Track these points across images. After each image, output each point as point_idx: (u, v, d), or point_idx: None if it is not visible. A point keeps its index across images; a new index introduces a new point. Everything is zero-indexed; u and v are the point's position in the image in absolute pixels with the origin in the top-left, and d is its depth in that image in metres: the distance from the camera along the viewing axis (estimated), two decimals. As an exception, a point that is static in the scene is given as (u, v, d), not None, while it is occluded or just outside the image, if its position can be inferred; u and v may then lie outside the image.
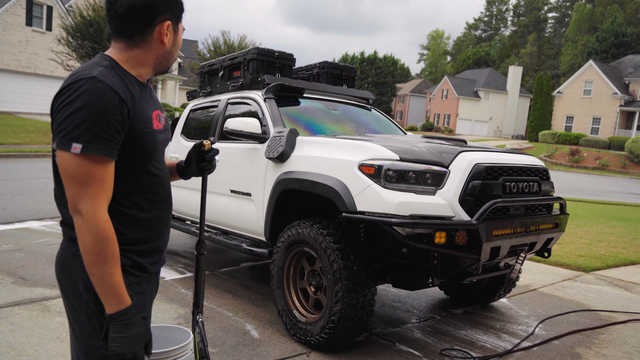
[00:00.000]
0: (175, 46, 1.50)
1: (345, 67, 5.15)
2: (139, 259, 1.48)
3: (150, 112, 1.47)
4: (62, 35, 20.93)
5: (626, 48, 48.39)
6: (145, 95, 1.48)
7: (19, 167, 11.70)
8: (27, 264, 4.58)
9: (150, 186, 1.48)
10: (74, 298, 1.45)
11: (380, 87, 62.47)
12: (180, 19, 1.49)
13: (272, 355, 3.08)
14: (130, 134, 1.38)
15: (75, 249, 1.43)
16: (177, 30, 1.49)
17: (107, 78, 1.33)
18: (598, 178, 24.15)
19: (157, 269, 1.60)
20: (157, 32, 1.43)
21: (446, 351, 3.29)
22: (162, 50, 1.47)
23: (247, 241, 4.03)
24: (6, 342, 2.98)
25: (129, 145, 1.38)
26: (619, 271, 5.88)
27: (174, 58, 1.53)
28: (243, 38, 28.11)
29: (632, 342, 3.68)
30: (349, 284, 2.95)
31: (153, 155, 1.48)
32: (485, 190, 2.94)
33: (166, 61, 1.51)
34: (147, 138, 1.43)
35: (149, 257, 1.52)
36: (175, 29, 1.48)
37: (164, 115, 1.60)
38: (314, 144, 3.43)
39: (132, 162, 1.42)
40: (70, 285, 1.45)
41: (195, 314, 1.70)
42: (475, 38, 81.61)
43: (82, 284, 1.42)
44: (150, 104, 1.50)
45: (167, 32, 1.44)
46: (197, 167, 1.73)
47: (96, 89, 1.29)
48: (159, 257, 1.58)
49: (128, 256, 1.45)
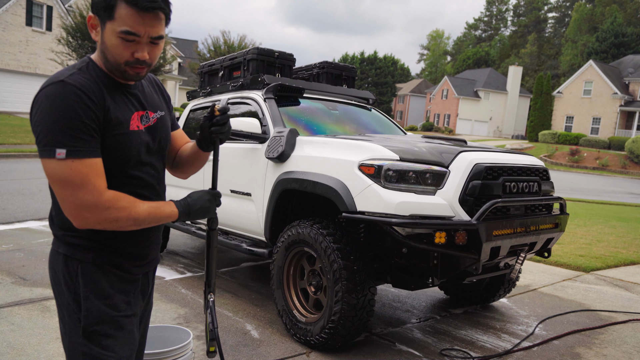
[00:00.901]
0: (104, 45, 1.37)
1: (345, 67, 5.15)
2: (118, 258, 1.47)
3: (129, 113, 1.44)
4: (62, 35, 20.93)
5: (626, 48, 48.39)
6: (122, 95, 1.44)
7: (19, 167, 11.70)
8: (27, 264, 4.58)
9: (130, 187, 1.45)
10: (58, 295, 1.46)
11: (380, 87, 62.46)
12: (106, 15, 1.34)
13: (272, 355, 3.08)
14: (102, 134, 1.36)
15: (58, 244, 1.45)
16: (103, 27, 1.36)
17: (76, 79, 1.32)
18: (598, 178, 24.14)
19: (143, 271, 1.57)
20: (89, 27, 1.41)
21: (446, 351, 3.29)
22: (99, 46, 1.40)
23: (247, 241, 4.03)
24: (6, 342, 2.98)
25: (103, 147, 1.37)
26: (619, 271, 5.88)
27: (110, 60, 1.38)
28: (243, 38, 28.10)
29: (632, 342, 3.68)
30: (349, 284, 2.95)
31: (131, 157, 1.43)
32: (485, 190, 2.94)
33: (106, 61, 1.40)
34: (121, 139, 1.40)
35: (130, 260, 1.50)
36: (101, 25, 1.36)
37: (157, 114, 1.55)
38: (314, 144, 3.43)
39: (107, 163, 1.38)
40: (55, 282, 1.46)
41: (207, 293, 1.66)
42: (475, 38, 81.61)
43: (63, 281, 1.43)
44: (131, 103, 1.46)
45: (93, 25, 1.39)
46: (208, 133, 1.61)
47: (65, 92, 1.28)
48: (142, 261, 1.55)
49: (104, 255, 1.44)
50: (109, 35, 1.35)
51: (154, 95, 1.60)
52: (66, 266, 1.43)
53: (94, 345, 1.42)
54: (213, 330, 1.58)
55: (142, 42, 1.37)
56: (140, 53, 1.38)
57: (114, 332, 1.44)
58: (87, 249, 1.42)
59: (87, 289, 1.41)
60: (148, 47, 1.39)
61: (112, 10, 1.32)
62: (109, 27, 1.34)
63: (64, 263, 1.43)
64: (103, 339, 1.43)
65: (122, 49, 1.36)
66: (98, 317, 1.42)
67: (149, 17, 1.34)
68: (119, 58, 1.37)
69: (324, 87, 4.66)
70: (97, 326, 1.42)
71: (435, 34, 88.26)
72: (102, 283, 1.43)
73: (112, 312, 1.44)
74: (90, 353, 1.41)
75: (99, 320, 1.42)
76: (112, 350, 1.43)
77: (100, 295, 1.43)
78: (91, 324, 1.41)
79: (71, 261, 1.42)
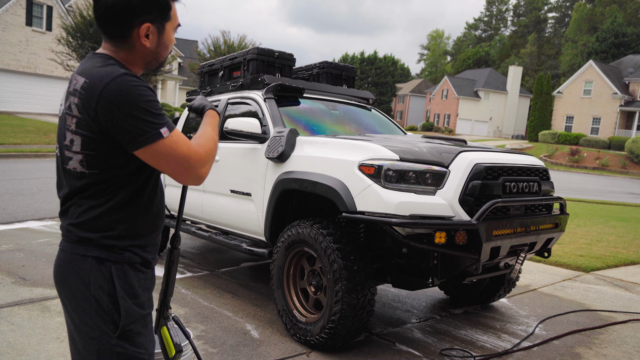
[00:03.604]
0: (161, 46, 1.48)
1: (345, 67, 5.15)
2: (145, 254, 1.51)
3: None
4: (62, 35, 20.95)
5: (626, 48, 48.39)
6: None
7: (19, 167, 11.70)
8: (27, 264, 4.58)
9: (156, 180, 1.53)
10: (82, 299, 1.43)
11: (380, 87, 62.47)
12: (165, 18, 1.45)
13: (272, 355, 3.08)
14: None
15: (84, 249, 1.43)
16: (162, 31, 1.46)
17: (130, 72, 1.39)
18: (598, 178, 24.14)
19: (156, 263, 1.63)
20: (137, 35, 1.42)
21: (446, 351, 3.29)
22: (145, 52, 1.46)
23: (247, 241, 4.03)
24: (6, 342, 2.98)
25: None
26: (619, 271, 5.88)
27: (163, 56, 1.52)
28: (243, 38, 28.15)
29: (632, 342, 3.68)
30: (349, 284, 2.95)
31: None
32: (485, 190, 2.94)
33: (155, 60, 1.51)
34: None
35: (151, 253, 1.55)
36: (159, 29, 1.45)
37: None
38: (314, 144, 3.43)
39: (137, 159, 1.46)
40: (78, 287, 1.43)
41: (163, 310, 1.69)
42: (475, 38, 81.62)
43: (94, 283, 1.42)
44: None
45: (147, 34, 1.42)
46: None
47: (131, 81, 1.34)
48: (156, 251, 1.61)
49: (137, 253, 1.48)
50: (169, 34, 1.50)
51: None
52: (99, 269, 1.42)
53: (129, 344, 1.43)
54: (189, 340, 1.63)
55: None
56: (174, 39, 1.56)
57: (144, 330, 1.48)
58: (122, 249, 1.45)
59: (123, 290, 1.43)
60: None
61: (169, 12, 1.47)
62: (168, 27, 1.48)
63: (96, 266, 1.42)
64: (137, 338, 1.45)
65: (173, 40, 1.55)
66: (133, 316, 1.44)
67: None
68: (170, 51, 1.55)
69: (324, 87, 4.66)
70: (133, 325, 1.44)
71: (435, 34, 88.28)
72: (132, 282, 1.46)
73: (141, 311, 1.47)
74: (127, 353, 1.43)
75: (134, 320, 1.44)
76: (144, 348, 1.47)
77: (131, 294, 1.45)
78: (128, 323, 1.43)
79: (105, 263, 1.43)
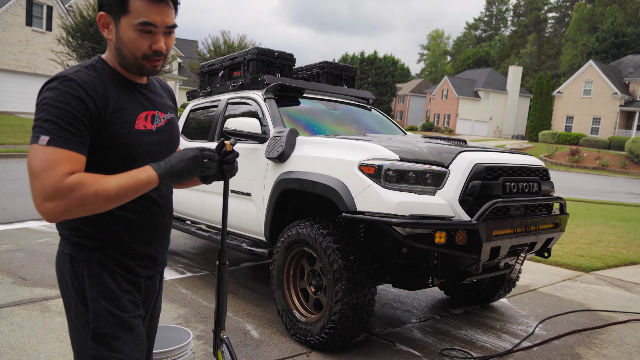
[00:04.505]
0: (120, 41, 1.38)
1: (345, 67, 5.15)
2: (125, 259, 1.45)
3: (136, 112, 1.43)
4: (62, 35, 20.93)
5: (626, 48, 48.38)
6: (132, 95, 1.45)
7: (19, 167, 11.70)
8: (27, 264, 4.58)
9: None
10: (65, 297, 1.45)
11: (380, 87, 62.45)
12: (120, 10, 1.35)
13: (272, 355, 3.08)
14: (104, 132, 1.35)
15: (64, 245, 1.43)
16: (117, 23, 1.37)
17: (79, 76, 1.33)
18: (598, 178, 24.14)
19: (149, 273, 1.54)
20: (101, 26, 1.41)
21: (446, 351, 3.29)
22: (112, 45, 1.41)
23: (247, 241, 4.03)
24: (6, 342, 2.98)
25: (105, 145, 1.36)
26: (619, 271, 5.88)
27: (128, 56, 1.39)
28: (243, 38, 28.13)
29: (632, 342, 3.68)
30: (349, 284, 2.95)
31: (136, 156, 1.42)
32: (485, 190, 2.94)
33: (122, 59, 1.40)
34: (125, 138, 1.39)
35: (137, 260, 1.48)
36: (115, 21, 1.37)
37: (167, 116, 1.55)
38: (314, 144, 3.43)
39: (111, 162, 1.38)
40: (62, 284, 1.45)
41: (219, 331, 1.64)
42: (475, 38, 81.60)
43: (70, 282, 1.42)
44: (140, 103, 1.46)
45: (105, 23, 1.39)
46: (219, 170, 1.55)
47: (65, 86, 1.29)
48: (150, 262, 1.53)
49: (110, 255, 1.42)
50: (126, 30, 1.36)
51: (165, 98, 1.61)
52: (72, 267, 1.41)
53: (104, 348, 1.39)
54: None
55: (159, 32, 1.39)
56: (157, 44, 1.39)
57: (123, 334, 1.42)
58: (92, 249, 1.41)
59: (94, 291, 1.39)
60: (164, 38, 1.41)
61: (125, 4, 1.34)
62: (124, 21, 1.36)
63: (70, 264, 1.41)
64: (112, 342, 1.40)
65: (140, 42, 1.37)
66: (106, 319, 1.39)
67: (162, 6, 1.37)
68: (137, 52, 1.38)
69: (324, 87, 4.66)
70: (106, 329, 1.39)
71: (436, 34, 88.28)
72: (108, 284, 1.41)
73: (120, 314, 1.42)
74: (100, 356, 1.39)
75: (107, 323, 1.39)
76: (121, 353, 1.41)
77: (107, 296, 1.41)
78: (100, 326, 1.39)
79: (77, 262, 1.41)
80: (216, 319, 1.66)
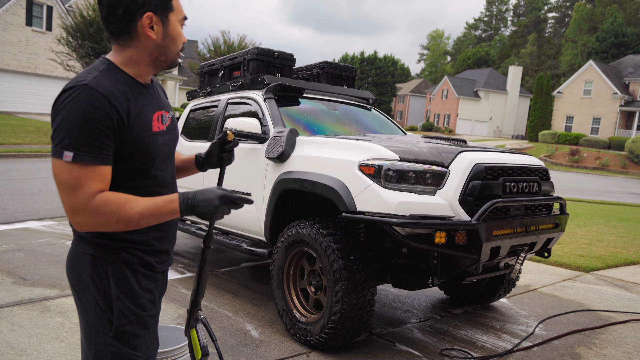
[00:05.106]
0: (168, 38, 1.44)
1: (345, 67, 5.15)
2: (147, 257, 1.49)
3: (151, 115, 1.45)
4: (62, 35, 20.90)
5: (626, 48, 48.38)
6: (145, 97, 1.46)
7: (19, 167, 11.70)
8: (27, 264, 4.58)
9: (152, 188, 1.48)
10: (83, 296, 1.45)
11: (380, 87, 62.47)
12: (167, 8, 1.41)
13: (272, 355, 3.08)
14: (127, 139, 1.36)
15: (84, 246, 1.44)
16: (166, 21, 1.42)
17: (100, 84, 1.32)
18: (598, 178, 24.14)
19: (165, 268, 1.59)
20: (141, 27, 1.39)
21: (446, 351, 3.29)
22: (152, 45, 1.42)
23: (247, 241, 4.03)
24: (6, 342, 2.98)
25: (128, 151, 1.37)
26: (619, 271, 5.88)
27: (173, 51, 1.47)
28: (243, 38, 28.13)
29: (632, 342, 3.68)
30: (349, 284, 2.95)
31: (155, 158, 1.45)
32: (485, 190, 2.94)
33: (163, 55, 1.45)
34: (146, 142, 1.41)
35: (156, 256, 1.52)
36: (163, 20, 1.41)
37: (170, 114, 1.58)
38: (314, 144, 3.43)
39: (134, 167, 1.41)
40: (79, 283, 1.45)
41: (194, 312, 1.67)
42: (475, 38, 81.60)
43: (91, 281, 1.42)
44: (151, 105, 1.48)
45: (150, 24, 1.40)
46: (217, 158, 1.70)
47: (86, 97, 1.28)
48: (165, 256, 1.58)
49: (136, 254, 1.46)
50: (175, 26, 1.45)
51: (162, 96, 1.63)
52: (94, 267, 1.42)
53: (124, 345, 1.43)
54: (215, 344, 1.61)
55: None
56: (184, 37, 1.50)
57: (142, 332, 1.46)
58: (117, 249, 1.43)
59: (118, 290, 1.42)
60: None
61: (171, 1, 1.43)
62: (172, 18, 1.44)
63: (92, 264, 1.42)
64: (132, 339, 1.44)
65: (182, 36, 1.49)
66: (128, 317, 1.43)
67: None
68: (179, 46, 1.48)
69: (324, 87, 4.66)
70: (128, 326, 1.43)
71: (436, 34, 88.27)
72: (131, 282, 1.44)
73: (140, 312, 1.45)
74: (120, 353, 1.42)
75: (129, 321, 1.43)
76: (140, 350, 1.45)
77: (129, 295, 1.44)
78: (123, 324, 1.42)
79: (100, 262, 1.42)
80: (193, 299, 1.70)
